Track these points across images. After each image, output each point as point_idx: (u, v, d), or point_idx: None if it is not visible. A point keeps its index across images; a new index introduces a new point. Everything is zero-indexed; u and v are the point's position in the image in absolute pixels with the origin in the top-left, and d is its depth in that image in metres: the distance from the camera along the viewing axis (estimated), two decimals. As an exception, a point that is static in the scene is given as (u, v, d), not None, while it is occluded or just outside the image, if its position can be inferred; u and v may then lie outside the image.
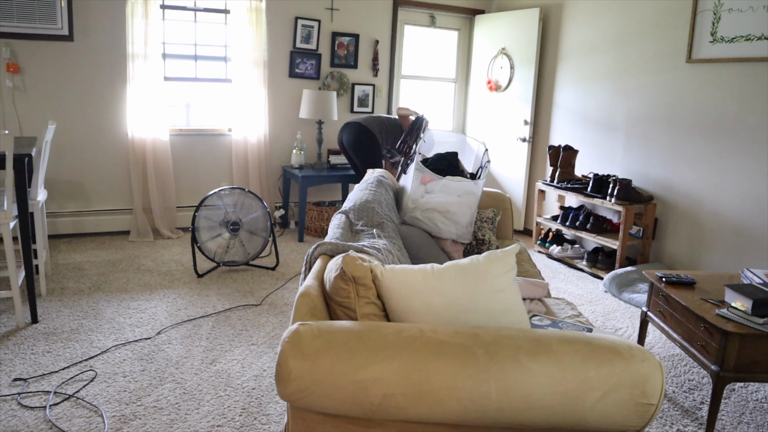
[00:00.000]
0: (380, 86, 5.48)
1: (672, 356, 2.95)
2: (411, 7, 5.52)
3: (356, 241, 2.21)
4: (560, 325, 1.90)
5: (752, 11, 3.48)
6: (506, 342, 1.32)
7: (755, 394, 2.61)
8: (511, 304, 1.55)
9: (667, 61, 4.04)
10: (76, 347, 2.74)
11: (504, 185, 5.59)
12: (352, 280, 1.53)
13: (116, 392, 2.37)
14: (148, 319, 3.10)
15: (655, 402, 1.30)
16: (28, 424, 2.13)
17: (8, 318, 3.02)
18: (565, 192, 4.51)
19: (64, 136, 4.42)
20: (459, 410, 1.27)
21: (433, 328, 1.36)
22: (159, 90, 4.51)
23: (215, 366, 2.63)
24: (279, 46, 4.98)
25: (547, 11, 5.10)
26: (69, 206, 4.54)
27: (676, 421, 2.36)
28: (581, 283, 4.07)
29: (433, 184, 2.86)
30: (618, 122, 4.47)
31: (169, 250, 4.34)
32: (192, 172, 4.92)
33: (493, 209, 3.19)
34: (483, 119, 5.73)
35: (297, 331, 1.32)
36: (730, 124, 3.66)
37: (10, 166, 2.71)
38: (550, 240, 4.76)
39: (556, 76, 5.06)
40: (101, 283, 3.60)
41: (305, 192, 4.80)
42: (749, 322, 2.13)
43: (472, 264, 1.54)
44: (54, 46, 4.27)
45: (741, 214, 3.62)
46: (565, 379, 1.28)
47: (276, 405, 2.33)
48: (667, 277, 2.59)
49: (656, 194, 4.19)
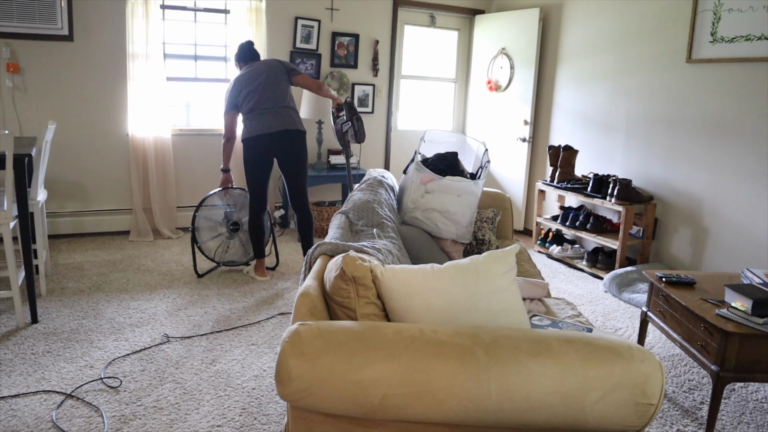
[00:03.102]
0: (380, 86, 5.48)
1: (672, 356, 2.95)
2: (411, 7, 5.52)
3: (356, 241, 2.21)
4: (560, 325, 1.90)
5: (752, 11, 3.48)
6: (506, 342, 1.32)
7: (755, 394, 2.61)
8: (511, 304, 1.55)
9: (667, 61, 4.04)
10: (76, 347, 2.74)
11: (504, 185, 5.59)
12: (352, 280, 1.53)
13: (116, 392, 2.37)
14: (148, 319, 3.10)
15: (655, 402, 1.30)
16: (28, 424, 2.13)
17: (8, 318, 3.02)
18: (565, 192, 4.51)
19: (64, 136, 4.42)
20: (459, 410, 1.27)
21: (433, 328, 1.36)
22: (159, 90, 4.51)
23: (215, 366, 2.63)
24: (279, 46, 4.98)
25: (547, 11, 5.10)
26: (69, 206, 4.54)
27: (676, 421, 2.36)
28: (581, 283, 4.07)
29: (433, 184, 2.86)
30: (618, 122, 4.47)
31: (169, 250, 4.34)
32: (192, 172, 4.92)
33: (493, 209, 3.19)
34: (483, 119, 5.73)
35: (297, 331, 1.32)
36: (730, 124, 3.66)
37: (10, 166, 2.71)
38: (550, 240, 4.76)
39: (556, 76, 5.06)
40: (101, 283, 3.60)
41: (305, 192, 4.80)
42: (749, 322, 2.13)
43: (472, 264, 1.54)
44: (54, 46, 4.27)
45: (741, 214, 3.62)
46: (565, 379, 1.28)
47: (276, 405, 2.33)
48: (667, 277, 2.59)
49: (656, 194, 4.19)
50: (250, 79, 3.62)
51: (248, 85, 3.61)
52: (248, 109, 3.62)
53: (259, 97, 3.59)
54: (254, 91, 3.60)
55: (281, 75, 3.67)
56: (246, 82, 3.62)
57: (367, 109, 5.46)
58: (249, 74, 3.64)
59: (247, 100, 3.61)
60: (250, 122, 3.61)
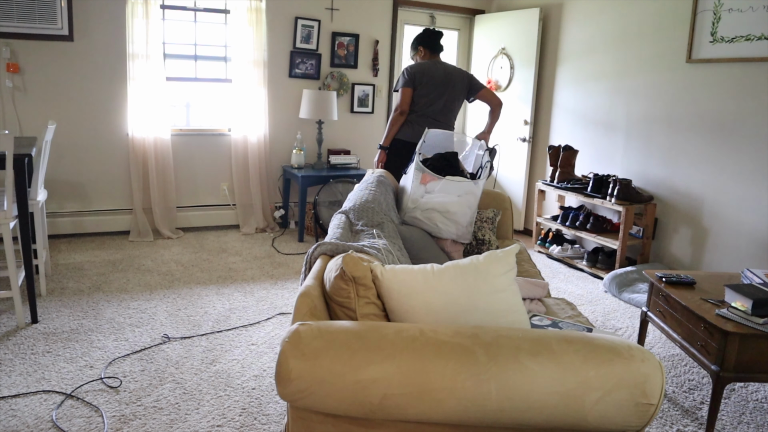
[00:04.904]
0: (380, 86, 5.48)
1: (672, 356, 2.95)
2: (411, 7, 5.52)
3: (356, 241, 2.21)
4: (560, 325, 1.90)
5: (752, 11, 3.48)
6: (506, 342, 1.32)
7: (755, 394, 2.61)
8: (511, 304, 1.55)
9: (667, 61, 4.04)
10: (76, 347, 2.74)
11: (504, 185, 5.59)
12: (352, 280, 1.53)
13: (116, 392, 2.37)
14: (148, 319, 3.10)
15: (655, 402, 1.30)
16: (28, 424, 2.13)
17: (8, 318, 3.02)
18: (565, 192, 4.51)
19: (64, 136, 4.42)
20: (459, 410, 1.27)
21: (433, 328, 1.36)
22: (159, 90, 4.51)
23: (215, 366, 2.63)
24: (279, 46, 4.98)
25: (547, 11, 5.10)
26: (69, 206, 4.54)
27: (676, 421, 2.36)
28: (581, 283, 4.07)
29: (433, 184, 2.86)
30: (618, 122, 4.47)
31: (169, 250, 4.34)
32: (192, 172, 4.92)
33: (493, 209, 3.19)
34: (483, 119, 5.73)
35: (297, 331, 1.32)
36: (730, 124, 3.66)
37: (10, 166, 2.71)
38: (550, 240, 4.76)
39: (556, 76, 5.06)
40: (101, 283, 3.60)
41: (305, 192, 4.80)
42: (749, 322, 2.13)
43: (472, 264, 1.54)
44: (54, 46, 4.27)
45: (741, 214, 3.62)
46: (565, 379, 1.28)
47: (276, 405, 2.33)
48: (667, 277, 2.59)
49: (656, 194, 4.19)
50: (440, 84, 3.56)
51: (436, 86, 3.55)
52: (424, 113, 3.59)
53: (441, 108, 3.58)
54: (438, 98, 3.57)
55: (463, 93, 3.69)
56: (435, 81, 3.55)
57: (367, 109, 5.46)
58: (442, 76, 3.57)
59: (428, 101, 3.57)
60: (419, 127, 3.59)
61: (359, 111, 5.42)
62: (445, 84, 3.58)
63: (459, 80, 3.65)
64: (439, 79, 3.57)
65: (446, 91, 3.58)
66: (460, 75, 3.66)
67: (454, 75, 3.62)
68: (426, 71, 3.57)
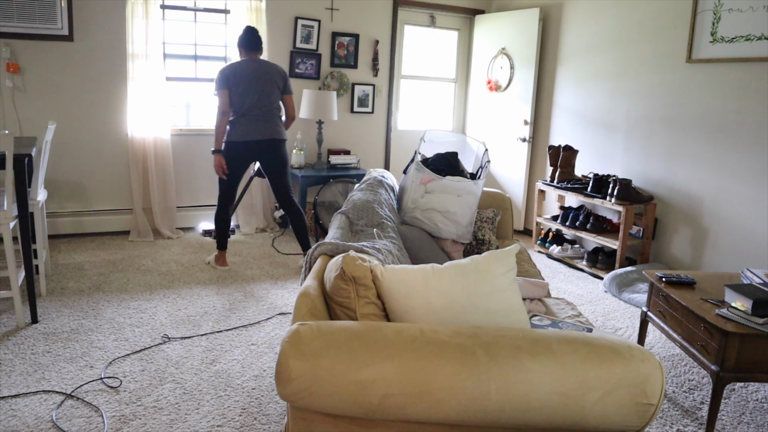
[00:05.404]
0: (380, 86, 5.48)
1: (672, 356, 2.95)
2: (411, 7, 5.52)
3: (356, 241, 2.21)
4: (560, 325, 1.90)
5: (752, 11, 3.48)
6: (506, 342, 1.32)
7: (755, 394, 2.61)
8: (511, 304, 1.55)
9: (667, 62, 4.04)
10: (76, 347, 2.74)
11: (504, 185, 5.59)
12: (352, 280, 1.53)
13: (116, 392, 2.37)
14: (148, 319, 3.10)
15: (655, 402, 1.30)
16: (28, 424, 2.13)
17: (8, 318, 3.02)
18: (565, 192, 4.51)
19: (64, 136, 4.42)
20: (459, 410, 1.27)
21: (433, 328, 1.36)
22: (159, 90, 4.51)
23: (215, 366, 2.63)
24: (279, 46, 4.98)
25: (547, 11, 5.10)
26: (69, 206, 4.54)
27: (676, 421, 2.36)
28: (581, 283, 4.07)
29: (433, 184, 2.86)
30: (618, 122, 4.47)
31: (169, 250, 4.34)
32: (192, 172, 4.92)
33: (493, 209, 3.19)
34: (483, 119, 5.73)
35: (297, 331, 1.32)
36: (730, 124, 3.66)
37: (10, 166, 2.71)
38: (550, 240, 4.76)
39: (556, 76, 5.06)
40: (101, 283, 3.60)
41: (305, 192, 4.80)
42: (749, 322, 2.13)
43: (472, 264, 1.54)
44: (54, 46, 4.27)
45: (741, 213, 3.62)
46: (565, 379, 1.28)
47: (276, 405, 2.33)
48: (667, 277, 2.59)
49: (656, 194, 4.19)
50: (251, 80, 3.64)
51: (248, 83, 3.64)
52: (241, 111, 3.67)
53: (255, 102, 3.66)
54: (251, 93, 3.65)
55: (278, 87, 3.77)
56: (246, 78, 3.64)
57: (367, 109, 5.46)
58: (251, 72, 3.66)
59: (241, 99, 3.65)
60: (241, 126, 3.68)
61: (359, 111, 5.42)
62: (257, 79, 3.67)
63: (274, 74, 3.74)
64: (249, 75, 3.66)
65: (258, 85, 3.67)
66: (275, 69, 3.76)
67: (266, 69, 3.72)
68: (236, 70, 3.67)
